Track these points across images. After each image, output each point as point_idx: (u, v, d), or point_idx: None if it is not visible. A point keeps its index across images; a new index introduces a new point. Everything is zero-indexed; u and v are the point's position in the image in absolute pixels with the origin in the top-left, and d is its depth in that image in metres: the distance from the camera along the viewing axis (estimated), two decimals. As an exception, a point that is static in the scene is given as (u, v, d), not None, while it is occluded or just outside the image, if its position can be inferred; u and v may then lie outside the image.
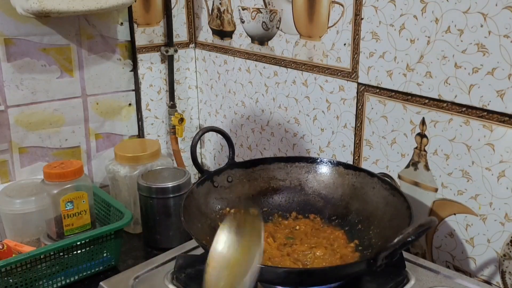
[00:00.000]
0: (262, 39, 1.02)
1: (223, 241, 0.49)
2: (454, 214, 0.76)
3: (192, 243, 0.80)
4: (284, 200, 0.84)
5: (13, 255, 0.77)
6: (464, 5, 0.68)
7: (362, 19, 0.82)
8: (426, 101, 0.76)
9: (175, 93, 1.20)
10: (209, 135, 1.25)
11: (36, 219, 0.87)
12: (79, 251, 0.81)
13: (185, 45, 1.20)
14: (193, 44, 1.22)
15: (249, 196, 0.83)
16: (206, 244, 0.67)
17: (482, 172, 0.71)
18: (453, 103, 0.73)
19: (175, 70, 1.19)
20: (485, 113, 0.69)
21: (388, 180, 0.77)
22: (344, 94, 0.88)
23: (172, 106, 1.19)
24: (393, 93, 0.80)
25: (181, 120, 1.17)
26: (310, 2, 0.90)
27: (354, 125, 0.88)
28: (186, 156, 1.24)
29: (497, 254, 0.72)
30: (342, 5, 0.84)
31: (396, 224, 0.70)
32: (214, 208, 0.79)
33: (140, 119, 1.15)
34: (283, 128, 1.03)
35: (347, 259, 0.71)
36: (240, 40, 1.08)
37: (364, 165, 0.88)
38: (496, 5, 0.65)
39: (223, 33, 1.13)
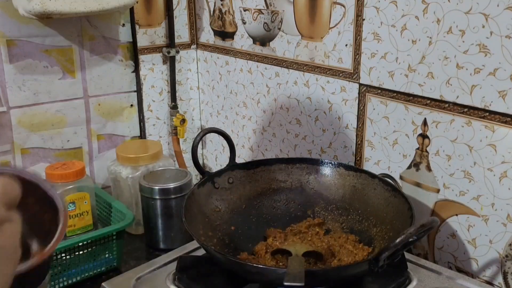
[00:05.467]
0: (263, 40, 1.02)
1: None
2: (456, 215, 0.76)
3: (194, 244, 0.80)
4: (284, 202, 0.84)
5: (15, 256, 0.77)
6: (465, 5, 0.68)
7: (363, 19, 0.82)
8: (428, 101, 0.76)
9: (177, 94, 1.20)
10: (211, 136, 1.25)
11: (38, 220, 0.87)
12: (81, 252, 0.81)
13: (186, 46, 1.20)
14: (195, 45, 1.22)
15: (250, 197, 0.83)
16: (207, 245, 0.68)
17: (484, 173, 0.71)
18: (455, 104, 0.73)
19: (176, 71, 1.19)
20: (487, 114, 0.69)
21: (389, 181, 0.77)
22: (346, 95, 0.88)
23: (174, 107, 1.19)
24: (395, 94, 0.80)
25: (183, 121, 1.18)
26: (312, 3, 0.90)
27: (355, 126, 0.88)
28: (187, 157, 1.24)
29: (499, 255, 0.72)
30: (343, 6, 0.84)
31: (398, 225, 0.70)
32: (215, 209, 0.79)
33: (142, 120, 1.16)
34: (284, 129, 1.03)
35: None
36: (241, 41, 1.08)
37: (366, 166, 0.88)
38: (498, 5, 0.65)
39: (224, 34, 1.13)
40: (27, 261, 0.35)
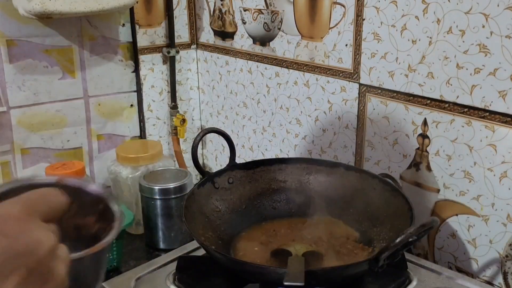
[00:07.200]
0: (263, 40, 1.02)
1: None
2: (456, 215, 0.76)
3: (194, 244, 0.80)
4: (284, 202, 0.84)
5: (15, 256, 0.77)
6: (465, 5, 0.68)
7: (363, 19, 0.82)
8: (428, 101, 0.76)
9: (177, 94, 1.20)
10: (211, 136, 1.25)
11: (38, 220, 0.87)
12: (81, 252, 0.81)
13: (186, 46, 1.20)
14: (195, 45, 1.22)
15: (250, 197, 0.83)
16: (208, 245, 0.68)
17: (484, 173, 0.71)
18: (455, 104, 0.73)
19: (176, 71, 1.19)
20: (487, 114, 0.69)
21: (389, 181, 0.77)
22: (346, 95, 0.88)
23: (174, 107, 1.19)
24: (395, 94, 0.80)
25: (183, 121, 1.18)
26: (312, 3, 0.90)
27: (355, 126, 0.88)
28: (187, 157, 1.24)
29: (499, 255, 0.72)
30: (343, 6, 0.84)
31: (398, 225, 0.70)
32: (215, 209, 0.79)
33: (142, 120, 1.15)
34: (284, 129, 1.03)
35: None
36: (241, 41, 1.08)
37: (366, 166, 0.88)
38: (498, 5, 0.65)
39: (224, 34, 1.13)
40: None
